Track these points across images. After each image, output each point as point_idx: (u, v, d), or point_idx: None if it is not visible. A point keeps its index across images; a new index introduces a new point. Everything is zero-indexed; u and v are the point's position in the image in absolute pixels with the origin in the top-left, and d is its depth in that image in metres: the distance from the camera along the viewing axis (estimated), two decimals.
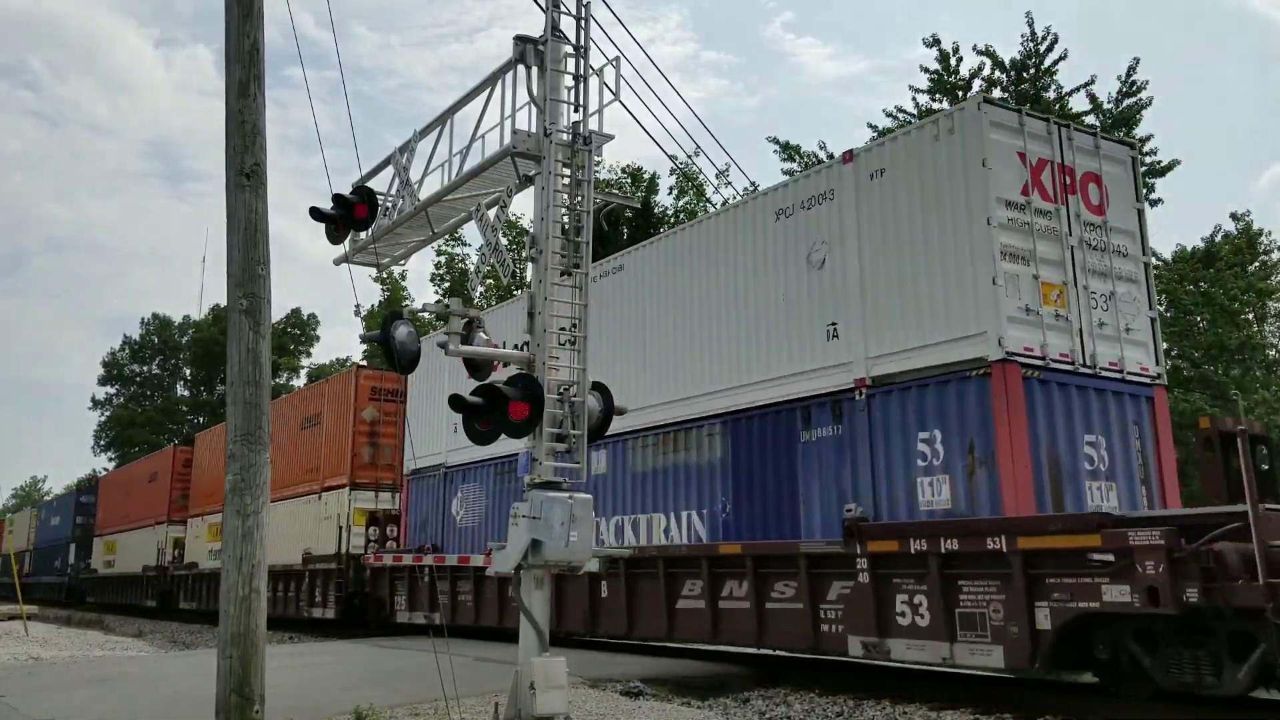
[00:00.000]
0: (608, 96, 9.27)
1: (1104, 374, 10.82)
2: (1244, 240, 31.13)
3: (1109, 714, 9.11)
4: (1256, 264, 31.26)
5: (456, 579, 17.21)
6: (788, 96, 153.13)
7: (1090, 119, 25.30)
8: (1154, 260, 13.56)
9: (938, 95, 26.55)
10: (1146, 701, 9.02)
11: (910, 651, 9.91)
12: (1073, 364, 10.48)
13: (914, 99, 26.96)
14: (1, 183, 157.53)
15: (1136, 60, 25.27)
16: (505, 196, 9.65)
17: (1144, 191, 14.33)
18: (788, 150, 28.93)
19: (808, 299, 12.08)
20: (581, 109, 9.15)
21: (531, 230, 9.15)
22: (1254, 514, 7.63)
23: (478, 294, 39.60)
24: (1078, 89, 25.46)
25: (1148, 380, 11.28)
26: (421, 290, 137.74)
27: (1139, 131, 25.15)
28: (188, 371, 72.44)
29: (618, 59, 9.41)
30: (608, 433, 9.75)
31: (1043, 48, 25.57)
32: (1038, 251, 10.53)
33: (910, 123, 26.95)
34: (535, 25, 9.35)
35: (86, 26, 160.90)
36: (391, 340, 8.61)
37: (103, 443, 71.43)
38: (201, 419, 65.39)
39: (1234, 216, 31.92)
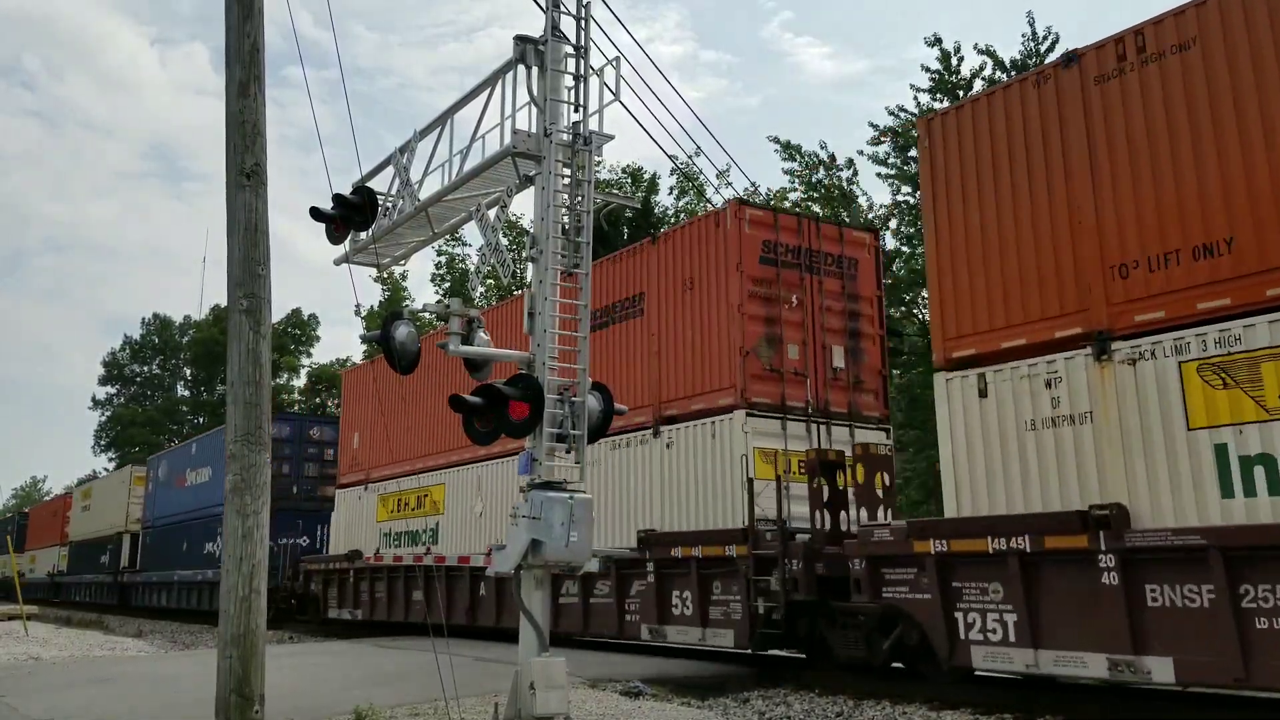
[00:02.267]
0: (608, 96, 9.28)
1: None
2: None
3: (1108, 714, 9.12)
4: None
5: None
6: (787, 96, 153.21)
7: None
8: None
9: (939, 95, 26.55)
10: (1145, 701, 9.04)
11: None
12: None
13: (915, 98, 27.01)
14: (1, 182, 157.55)
15: None
16: (505, 196, 9.65)
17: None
18: (789, 150, 28.97)
19: None
20: (581, 109, 9.15)
21: (531, 230, 9.15)
22: None
23: (478, 294, 39.66)
24: None
25: None
26: (421, 290, 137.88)
27: None
28: (188, 371, 72.53)
29: (618, 59, 9.41)
30: None
31: (1043, 47, 25.59)
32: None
33: (912, 121, 26.94)
34: (534, 25, 9.36)
35: (82, 24, 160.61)
36: (391, 340, 8.62)
37: (103, 443, 71.54)
38: (202, 419, 65.46)
39: None
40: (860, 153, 36.69)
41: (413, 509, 19.31)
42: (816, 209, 29.08)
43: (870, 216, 28.31)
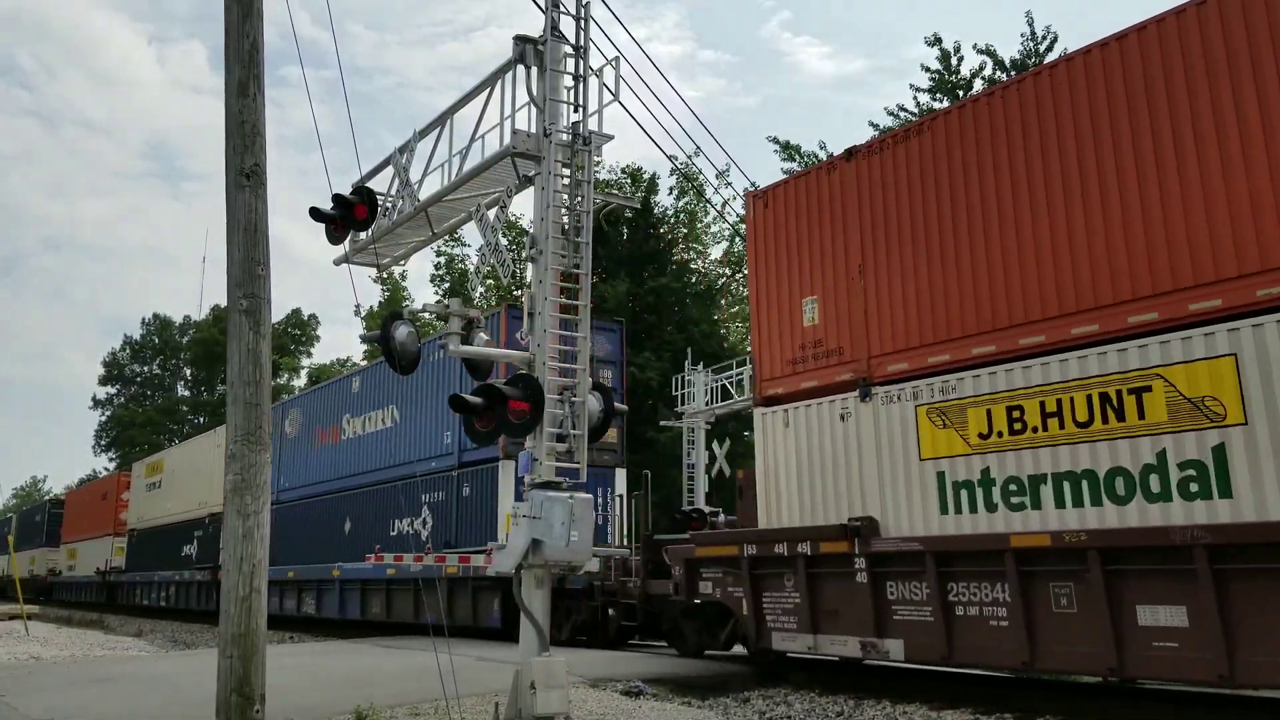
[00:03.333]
0: (607, 96, 9.30)
1: None
2: None
3: (1108, 714, 9.12)
4: None
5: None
6: (785, 95, 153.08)
7: None
8: None
9: (938, 94, 26.55)
10: (1144, 702, 9.05)
11: None
12: None
13: (915, 98, 27.00)
14: None
15: None
16: (505, 196, 9.66)
17: None
18: (788, 150, 28.98)
19: None
20: (581, 109, 9.16)
21: (531, 230, 9.16)
22: None
23: (478, 294, 39.68)
24: None
25: None
26: (421, 290, 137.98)
27: None
28: (188, 371, 72.66)
29: (617, 59, 9.42)
30: None
31: (1043, 46, 25.58)
32: None
33: (912, 121, 26.93)
34: (531, 24, 9.38)
35: (77, 23, 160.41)
36: (391, 340, 8.63)
37: (103, 443, 71.62)
38: (202, 419, 65.52)
39: None
40: None
41: (1081, 422, 9.36)
42: None
43: None
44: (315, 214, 10.46)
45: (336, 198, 10.47)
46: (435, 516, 18.40)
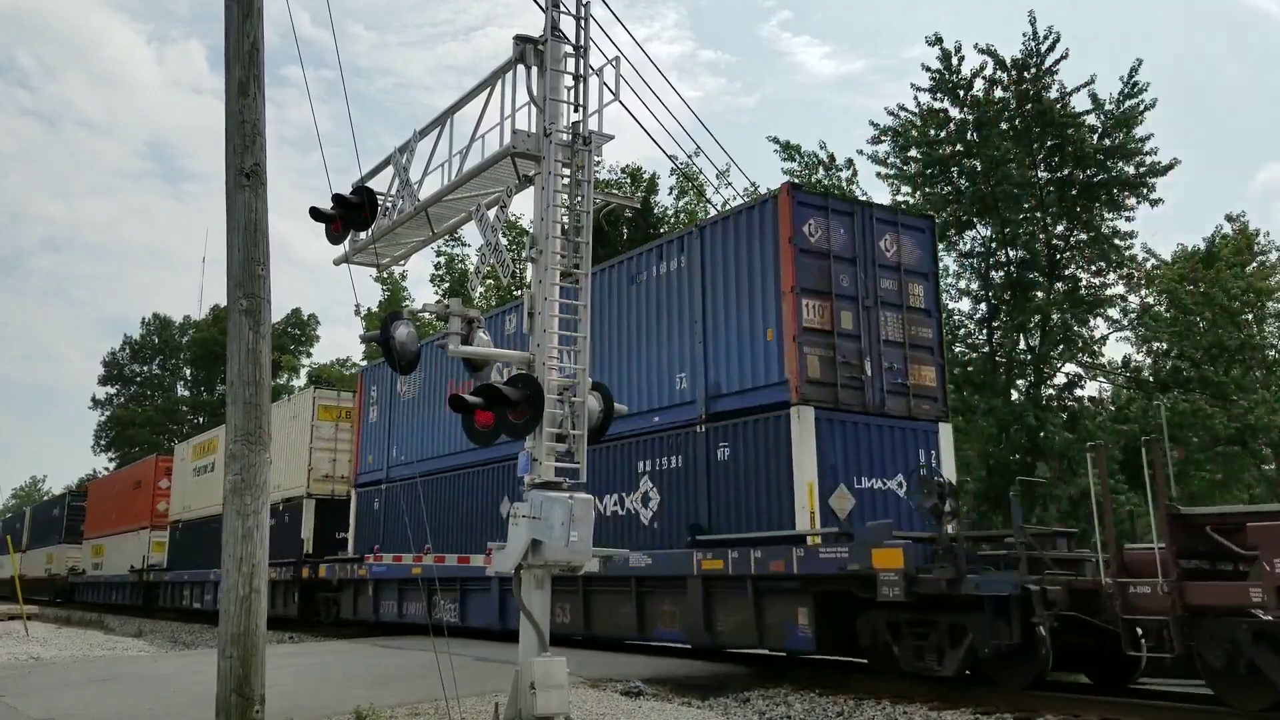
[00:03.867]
0: (607, 96, 9.30)
1: None
2: (1245, 240, 31.15)
3: (1108, 714, 9.13)
4: (1255, 264, 31.25)
5: None
6: (785, 95, 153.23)
7: (1091, 119, 25.25)
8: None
9: (939, 94, 26.50)
10: (1145, 702, 9.06)
11: None
12: None
13: (915, 98, 26.95)
14: None
15: (1139, 61, 25.12)
16: (505, 196, 9.66)
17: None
18: (788, 150, 28.93)
19: None
20: (581, 109, 9.16)
21: (531, 230, 9.16)
22: None
23: (477, 294, 39.69)
24: (1079, 88, 25.43)
25: None
26: (421, 290, 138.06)
27: (1140, 131, 25.08)
28: (188, 371, 72.65)
29: (617, 59, 9.42)
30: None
31: (1044, 47, 25.54)
32: None
33: (913, 121, 26.89)
34: (530, 24, 9.38)
35: (76, 24, 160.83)
36: (391, 340, 8.63)
37: (103, 443, 71.61)
38: (202, 419, 65.52)
39: (1229, 218, 31.84)
40: (860, 152, 36.68)
41: None
42: None
43: None
44: (315, 214, 10.45)
45: (336, 197, 10.46)
46: (664, 490, 13.53)
